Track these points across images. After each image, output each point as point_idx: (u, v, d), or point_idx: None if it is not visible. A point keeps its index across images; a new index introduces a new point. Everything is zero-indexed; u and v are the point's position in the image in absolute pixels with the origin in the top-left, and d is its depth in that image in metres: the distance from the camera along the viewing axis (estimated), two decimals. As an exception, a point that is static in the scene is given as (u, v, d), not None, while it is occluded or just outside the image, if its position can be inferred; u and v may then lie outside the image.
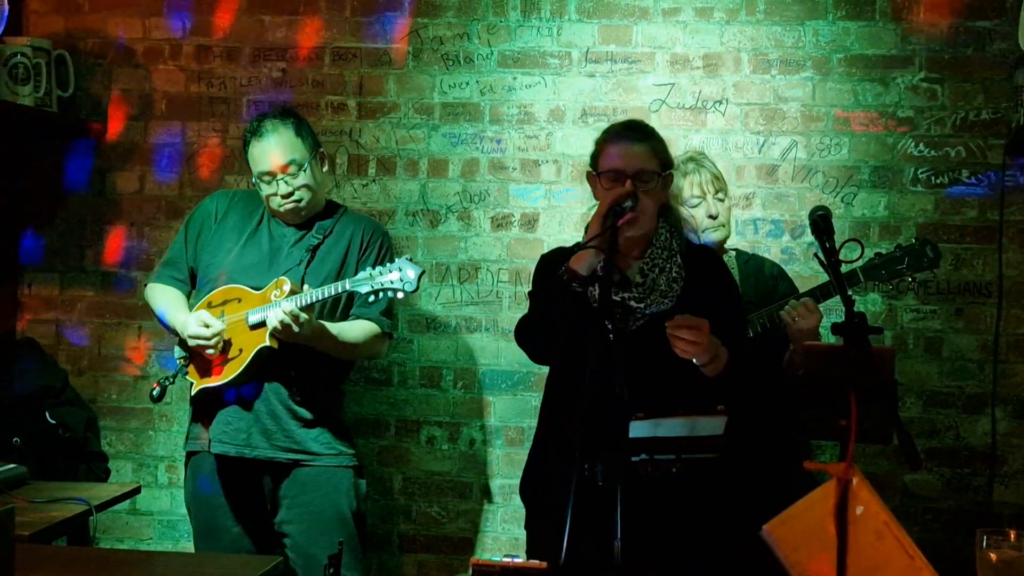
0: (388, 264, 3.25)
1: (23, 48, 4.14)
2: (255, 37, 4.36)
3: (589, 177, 2.99)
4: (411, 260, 3.23)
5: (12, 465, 3.46)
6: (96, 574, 2.69)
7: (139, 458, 4.44)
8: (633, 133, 2.91)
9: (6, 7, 3.92)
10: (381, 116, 4.32)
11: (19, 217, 4.47)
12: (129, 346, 4.44)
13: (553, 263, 2.98)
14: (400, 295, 3.24)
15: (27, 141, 4.42)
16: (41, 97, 4.20)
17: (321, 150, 3.58)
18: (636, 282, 2.86)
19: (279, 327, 3.24)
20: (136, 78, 4.42)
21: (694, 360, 2.72)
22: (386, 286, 3.22)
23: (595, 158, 2.96)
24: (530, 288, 3.15)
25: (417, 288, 3.23)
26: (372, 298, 3.28)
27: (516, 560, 2.26)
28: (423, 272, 3.24)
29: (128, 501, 3.96)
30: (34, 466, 3.66)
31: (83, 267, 4.46)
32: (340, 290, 3.30)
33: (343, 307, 3.52)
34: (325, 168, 3.62)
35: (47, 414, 4.08)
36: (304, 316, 3.26)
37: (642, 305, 2.84)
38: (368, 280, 3.24)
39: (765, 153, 4.18)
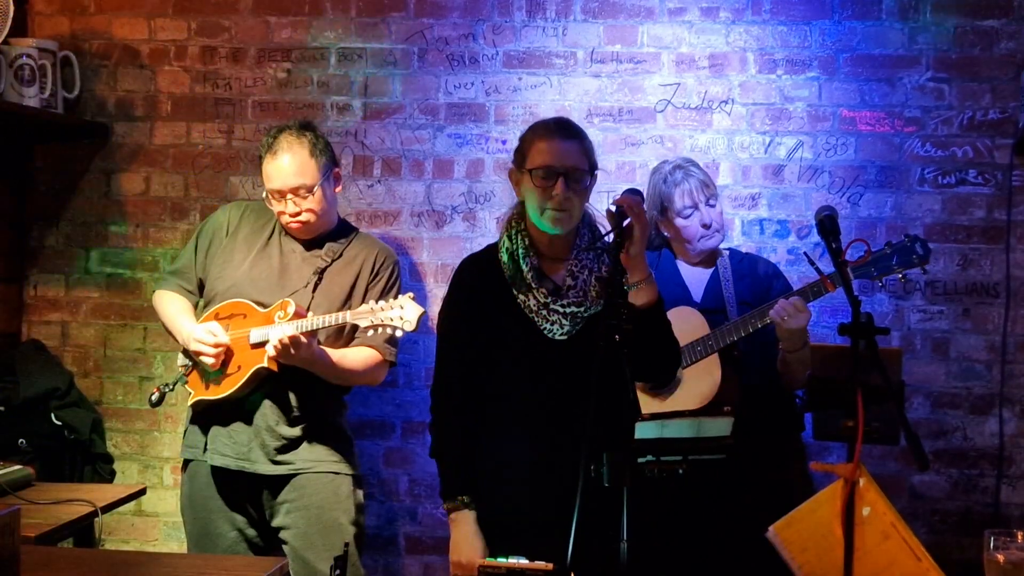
0: (391, 300, 3.22)
1: (29, 49, 4.14)
2: (260, 38, 4.36)
3: (511, 174, 2.94)
4: (413, 299, 3.20)
5: (18, 467, 3.46)
6: (101, 575, 2.69)
7: (144, 459, 4.44)
8: (564, 131, 2.86)
9: (11, 8, 3.92)
10: (386, 117, 4.32)
11: (24, 218, 4.47)
12: (134, 348, 4.44)
13: (472, 278, 2.97)
14: (399, 333, 3.21)
15: (32, 142, 4.42)
16: (47, 98, 4.20)
17: (336, 169, 3.56)
18: (568, 286, 2.84)
19: (277, 347, 3.24)
20: (141, 79, 4.42)
21: (627, 265, 2.62)
22: (386, 323, 3.20)
23: (521, 155, 2.90)
24: (446, 297, 3.09)
25: (416, 328, 3.19)
26: (371, 332, 3.28)
27: (521, 561, 2.25)
28: (423, 313, 3.20)
29: (134, 502, 3.96)
30: (40, 468, 3.67)
31: (88, 268, 4.46)
32: (341, 321, 3.28)
33: (348, 331, 3.49)
34: (338, 188, 3.60)
35: (53, 416, 4.08)
36: (303, 340, 3.25)
37: (581, 309, 2.82)
38: (369, 314, 3.22)
39: (771, 153, 4.17)
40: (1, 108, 4.04)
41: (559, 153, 2.80)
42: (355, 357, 3.47)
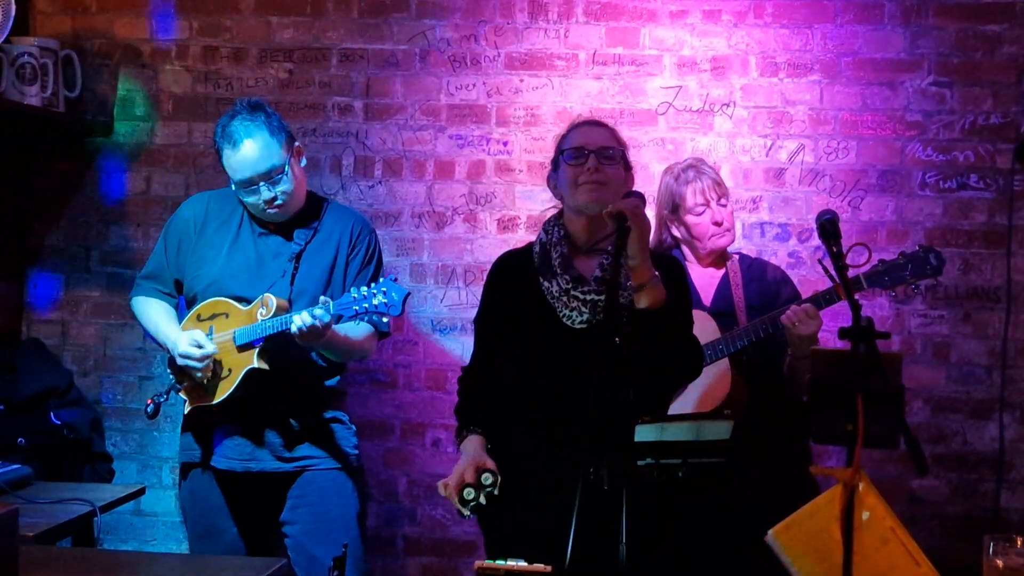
0: (373, 286, 3.14)
1: (30, 48, 4.14)
2: (262, 38, 4.37)
3: (549, 181, 3.02)
4: (396, 281, 3.13)
5: (17, 466, 3.46)
6: (100, 575, 2.69)
7: (144, 459, 4.44)
8: (591, 121, 2.99)
9: (13, 7, 3.92)
10: (388, 117, 4.32)
11: (25, 217, 4.47)
12: (134, 347, 4.44)
13: (505, 271, 3.01)
14: (385, 319, 3.17)
15: (33, 141, 4.42)
16: (48, 97, 4.20)
17: (297, 144, 3.46)
18: (596, 276, 2.85)
19: (306, 330, 3.15)
20: (143, 78, 4.42)
21: (630, 260, 2.65)
22: (371, 309, 3.12)
23: (556, 154, 2.98)
24: (482, 294, 3.08)
25: (402, 312, 3.13)
26: (357, 321, 3.23)
27: (520, 564, 2.25)
28: (408, 295, 3.14)
29: (132, 502, 3.95)
30: (39, 467, 3.66)
31: (88, 268, 4.46)
32: (327, 312, 3.17)
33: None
34: (303, 162, 3.50)
35: (52, 415, 4.08)
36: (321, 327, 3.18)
37: (600, 298, 2.82)
38: (353, 303, 3.14)
39: (772, 156, 4.17)
40: (2, 107, 4.04)
41: (587, 135, 2.90)
42: (356, 332, 3.41)
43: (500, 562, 2.25)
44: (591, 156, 2.84)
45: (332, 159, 4.31)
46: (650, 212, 2.98)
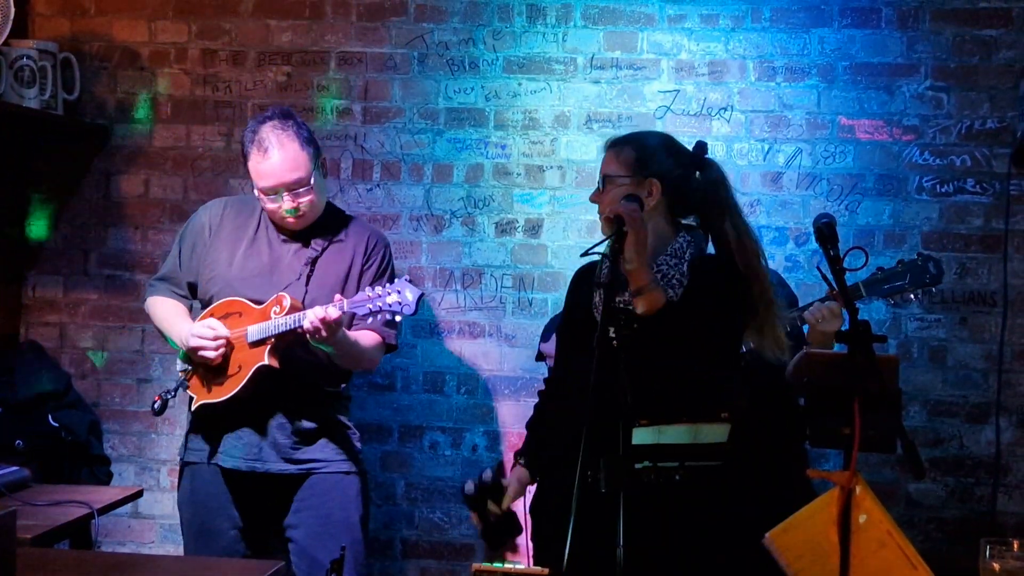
0: (387, 285, 3.15)
1: (29, 51, 4.15)
2: (260, 41, 4.37)
3: None
4: (411, 282, 3.14)
5: (15, 468, 3.46)
6: (97, 577, 2.69)
7: (141, 462, 4.44)
8: (609, 142, 2.99)
9: (12, 9, 3.92)
10: (386, 121, 4.32)
11: (23, 219, 4.47)
12: (132, 350, 4.44)
13: (577, 282, 3.07)
14: (398, 319, 3.18)
15: (32, 144, 4.42)
16: (47, 100, 4.20)
17: (323, 157, 3.49)
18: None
19: (316, 324, 3.14)
20: (141, 81, 4.42)
21: (627, 264, 2.69)
22: (384, 308, 3.13)
23: None
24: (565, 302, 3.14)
25: (416, 311, 3.14)
26: (371, 319, 3.24)
27: (518, 567, 2.25)
28: (422, 295, 3.15)
29: (130, 504, 3.96)
30: (37, 469, 3.66)
31: (87, 270, 4.46)
32: (340, 310, 3.18)
33: (347, 320, 3.42)
34: (326, 176, 3.54)
35: (50, 417, 4.08)
36: (339, 320, 3.18)
37: (632, 307, 2.83)
38: (367, 301, 3.15)
39: (770, 160, 4.17)
40: (1, 109, 4.04)
41: (601, 165, 2.95)
42: (364, 338, 3.42)
43: (497, 565, 2.26)
44: (598, 186, 2.93)
45: (330, 162, 4.31)
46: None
